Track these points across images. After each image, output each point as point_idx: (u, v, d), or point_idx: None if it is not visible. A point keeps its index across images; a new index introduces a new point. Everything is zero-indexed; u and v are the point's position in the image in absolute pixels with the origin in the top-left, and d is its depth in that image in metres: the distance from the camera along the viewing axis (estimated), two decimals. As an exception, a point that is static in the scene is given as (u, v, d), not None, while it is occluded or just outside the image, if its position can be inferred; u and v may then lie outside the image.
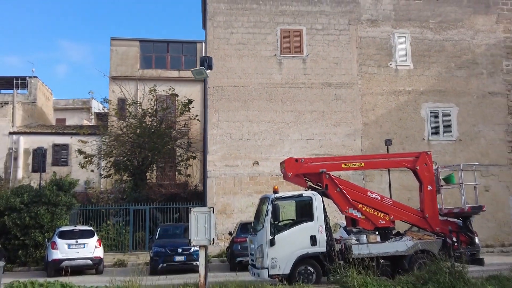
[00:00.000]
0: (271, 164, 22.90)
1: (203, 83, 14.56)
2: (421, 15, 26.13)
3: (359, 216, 13.97)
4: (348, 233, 14.59)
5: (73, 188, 23.49)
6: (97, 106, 42.61)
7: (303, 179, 14.66)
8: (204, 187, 14.89)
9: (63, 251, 18.69)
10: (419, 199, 14.83)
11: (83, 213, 24.78)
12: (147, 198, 25.96)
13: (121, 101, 30.53)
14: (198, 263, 15.37)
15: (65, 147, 33.12)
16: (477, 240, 14.31)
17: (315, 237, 13.13)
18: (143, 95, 29.51)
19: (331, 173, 14.31)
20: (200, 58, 15.32)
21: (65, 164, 32.93)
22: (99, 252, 19.26)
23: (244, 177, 23.85)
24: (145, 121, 28.44)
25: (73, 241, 18.91)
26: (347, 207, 13.97)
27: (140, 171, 27.81)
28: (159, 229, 20.86)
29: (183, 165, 29.36)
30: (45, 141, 32.69)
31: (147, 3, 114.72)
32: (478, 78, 25.93)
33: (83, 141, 28.95)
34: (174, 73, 33.41)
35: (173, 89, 30.21)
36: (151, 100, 29.14)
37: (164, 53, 34.17)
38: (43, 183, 24.05)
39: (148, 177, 28.69)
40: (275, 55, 24.82)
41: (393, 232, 14.42)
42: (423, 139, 25.03)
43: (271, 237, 12.95)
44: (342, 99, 24.83)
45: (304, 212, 13.73)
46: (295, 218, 14.15)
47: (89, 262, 18.89)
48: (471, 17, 26.43)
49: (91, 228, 20.59)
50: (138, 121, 28.37)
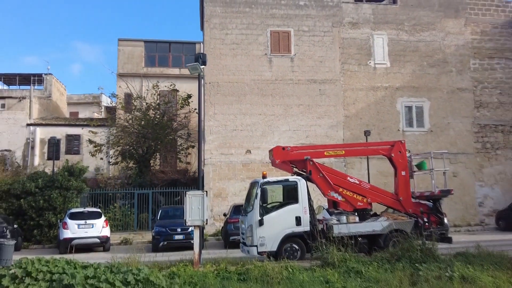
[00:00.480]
0: (262, 152, 22.62)
1: (198, 77, 14.15)
2: (397, 18, 25.88)
3: (339, 198, 13.81)
4: (330, 214, 14.38)
5: (83, 174, 23.21)
6: (106, 100, 42.19)
7: (289, 165, 14.43)
8: (198, 173, 14.58)
9: (74, 230, 18.50)
10: (394, 184, 14.66)
11: (93, 196, 24.50)
12: (150, 183, 25.72)
13: (127, 96, 30.15)
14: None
15: (77, 137, 32.76)
16: (446, 220, 14.15)
17: (299, 217, 13.00)
18: (147, 90, 29.13)
19: (315, 160, 14.11)
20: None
21: (77, 152, 32.60)
22: (106, 231, 19.06)
23: (237, 164, 23.63)
24: (149, 114, 28.18)
25: (82, 222, 18.69)
26: (329, 191, 13.82)
27: (144, 159, 27.58)
28: (161, 211, 20.65)
29: (183, 153, 29.18)
30: (59, 132, 32.40)
31: (152, 8, 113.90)
32: (448, 75, 25.77)
33: (93, 132, 28.82)
34: (175, 71, 32.99)
35: (174, 85, 30.05)
36: (154, 95, 28.79)
37: (166, 52, 33.71)
38: (56, 170, 23.71)
39: (151, 164, 28.41)
40: (266, 54, 24.51)
41: (371, 213, 14.26)
42: (399, 130, 24.86)
43: (260, 218, 12.81)
44: (326, 94, 24.59)
45: (290, 195, 13.54)
46: (282, 200, 13.92)
47: (97, 240, 18.72)
48: (442, 21, 26.22)
49: (99, 210, 20.35)
50: (142, 114, 28.15)
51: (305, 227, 12.96)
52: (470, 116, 25.69)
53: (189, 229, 17.27)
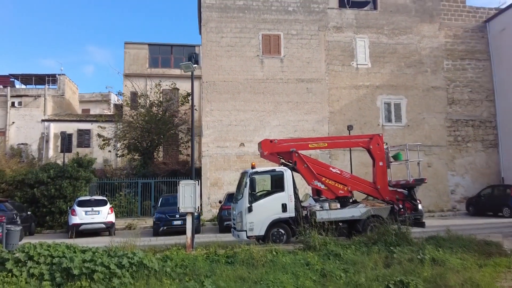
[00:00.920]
0: (255, 145, 21.96)
1: (191, 75, 13.79)
2: (377, 23, 25.50)
3: (322, 187, 13.58)
4: (315, 201, 14.14)
5: (91, 165, 22.87)
6: (114, 98, 41.68)
7: (276, 157, 14.14)
8: (192, 164, 14.29)
9: (81, 217, 18.25)
10: (372, 173, 14.39)
11: (100, 186, 24.12)
12: (153, 173, 25.38)
13: (133, 94, 29.70)
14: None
15: (87, 132, 32.33)
16: (420, 206, 13.92)
17: (285, 205, 12.78)
18: (151, 89, 28.73)
19: (300, 151, 13.84)
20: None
21: (88, 146, 32.19)
22: (111, 217, 18.79)
23: (232, 156, 23.32)
24: (152, 110, 27.75)
25: (89, 209, 18.42)
26: (313, 180, 13.58)
27: (148, 152, 27.21)
28: (161, 198, 20.36)
29: (183, 146, 28.83)
30: (71, 127, 32.15)
31: (156, 14, 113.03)
32: (423, 75, 25.47)
33: (102, 127, 28.44)
34: (176, 71, 32.39)
35: (175, 84, 29.65)
36: (157, 93, 28.40)
37: (168, 54, 33.19)
38: (67, 161, 23.36)
39: (155, 156, 28.06)
40: (258, 55, 24.11)
41: (351, 200, 14.00)
42: (378, 125, 24.58)
43: (249, 205, 12.60)
44: (312, 92, 24.26)
45: (277, 184, 13.30)
46: (270, 189, 13.65)
47: (103, 226, 18.48)
48: (418, 25, 25.87)
49: (104, 198, 20.04)
50: (146, 110, 27.70)
51: (291, 213, 12.73)
52: (443, 112, 25.43)
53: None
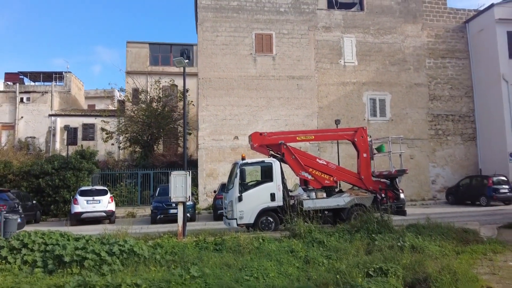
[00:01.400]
0: (248, 138, 21.94)
1: (183, 70, 13.37)
2: (364, 23, 25.06)
3: (309, 177, 13.27)
4: (304, 191, 13.83)
5: (94, 157, 22.41)
6: (118, 94, 41.14)
7: (266, 149, 13.81)
8: (184, 155, 13.93)
9: (83, 205, 17.91)
10: (357, 164, 14.07)
11: (102, 176, 23.72)
12: (153, 165, 24.99)
13: (134, 91, 29.22)
14: (188, 215, 14.63)
15: (92, 126, 31.91)
16: (402, 196, 13.62)
17: (274, 194, 12.47)
18: (151, 85, 28.23)
19: (288, 144, 13.49)
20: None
21: (92, 139, 31.83)
22: (112, 206, 18.42)
23: (226, 148, 22.94)
24: (152, 106, 27.32)
25: (90, 198, 18.06)
26: (300, 171, 13.27)
27: (148, 144, 26.81)
28: (159, 188, 19.92)
29: (182, 139, 28.36)
30: (77, 121, 31.78)
31: (156, 14, 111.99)
32: (406, 72, 25.09)
33: (105, 121, 28.08)
34: (175, 69, 31.23)
35: (174, 80, 29.20)
36: (157, 89, 27.92)
37: (168, 53, 32.54)
38: (71, 153, 22.93)
39: (155, 149, 27.64)
40: (251, 53, 23.64)
41: (336, 190, 13.69)
42: (364, 119, 24.21)
43: (239, 195, 12.30)
44: (302, 88, 23.85)
45: (266, 174, 12.97)
46: (260, 179, 13.31)
47: (103, 214, 18.13)
48: (402, 26, 25.45)
49: (105, 187, 19.65)
50: (147, 106, 27.28)
51: (279, 202, 12.43)
52: (425, 107, 25.10)
53: (182, 204, 16.69)
